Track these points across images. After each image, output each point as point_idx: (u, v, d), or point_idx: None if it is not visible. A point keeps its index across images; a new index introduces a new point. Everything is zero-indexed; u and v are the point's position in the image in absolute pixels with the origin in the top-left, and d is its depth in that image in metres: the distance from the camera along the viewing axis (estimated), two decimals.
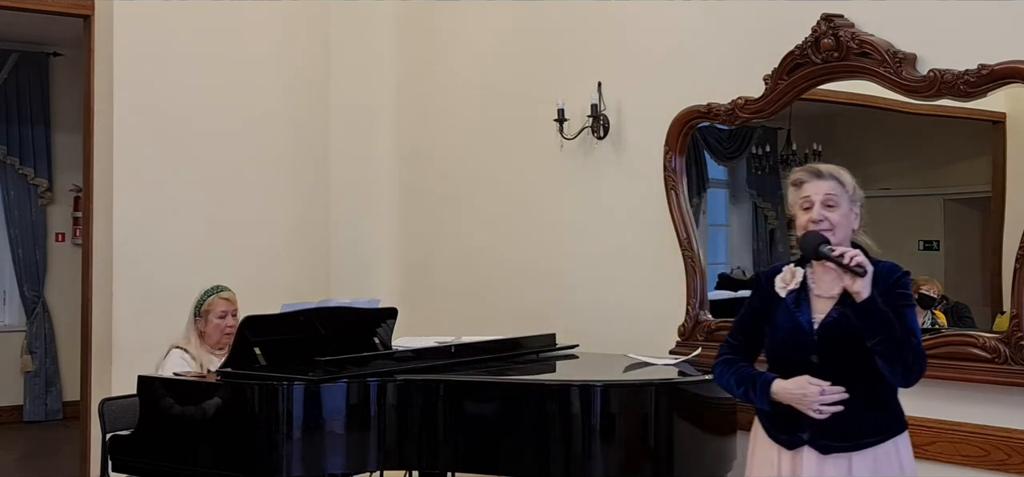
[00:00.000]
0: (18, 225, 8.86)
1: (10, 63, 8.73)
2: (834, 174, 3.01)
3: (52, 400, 9.08)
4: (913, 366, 2.90)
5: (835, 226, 2.96)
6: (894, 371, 2.90)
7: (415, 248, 6.08)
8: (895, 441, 2.99)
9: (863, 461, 2.94)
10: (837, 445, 2.96)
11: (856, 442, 2.95)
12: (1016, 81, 3.53)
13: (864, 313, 2.88)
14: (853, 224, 3.01)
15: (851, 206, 3.01)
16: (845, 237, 2.98)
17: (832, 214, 2.96)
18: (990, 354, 3.58)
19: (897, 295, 2.94)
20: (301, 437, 3.75)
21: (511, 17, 5.50)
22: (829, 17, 3.95)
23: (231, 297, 4.55)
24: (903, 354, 2.88)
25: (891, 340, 2.87)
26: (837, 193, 2.98)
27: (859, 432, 2.95)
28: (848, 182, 3.01)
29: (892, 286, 2.95)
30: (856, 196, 3.03)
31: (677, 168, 4.60)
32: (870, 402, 2.95)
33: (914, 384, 2.95)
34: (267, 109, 6.02)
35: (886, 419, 2.99)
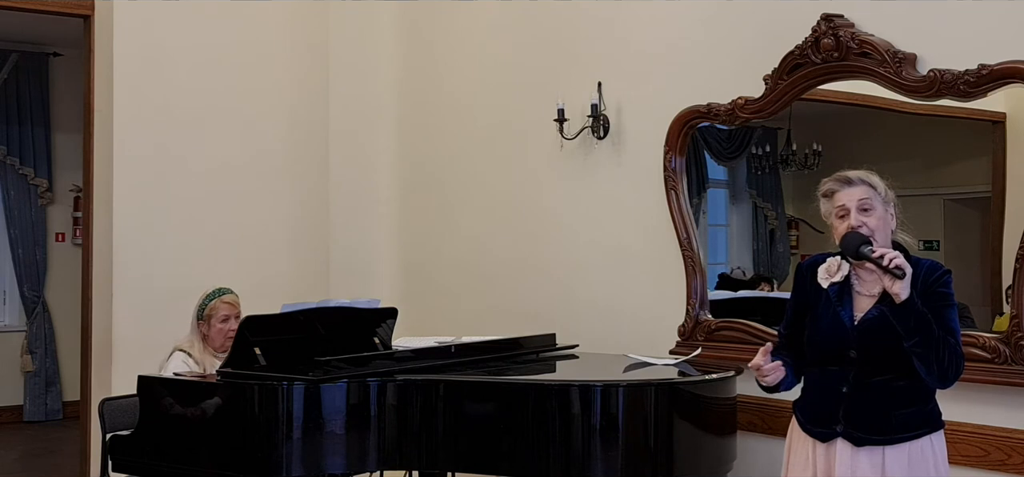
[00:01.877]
0: (18, 225, 8.86)
1: (10, 63, 8.74)
2: (864, 178, 3.04)
3: (52, 400, 9.08)
4: (949, 367, 2.93)
5: (874, 230, 2.99)
6: (930, 372, 2.93)
7: (415, 248, 6.08)
8: (930, 439, 3.00)
9: (897, 455, 2.97)
10: (870, 438, 2.98)
11: (890, 436, 2.97)
12: (1016, 81, 3.53)
13: (902, 314, 2.90)
14: (890, 225, 3.04)
15: (886, 208, 3.04)
16: (885, 239, 3.01)
17: (869, 218, 3.00)
18: (990, 354, 3.58)
19: (937, 294, 2.97)
20: (301, 437, 3.75)
21: (511, 17, 5.50)
22: (829, 17, 3.95)
23: (234, 300, 4.53)
24: (940, 355, 2.91)
25: (928, 341, 2.89)
26: (870, 197, 3.02)
27: (893, 427, 2.97)
28: (879, 185, 3.05)
29: (932, 285, 2.98)
30: (888, 197, 3.06)
31: (677, 168, 4.60)
32: (906, 398, 2.98)
33: (951, 385, 2.98)
34: (267, 109, 6.02)
35: (922, 416, 3.01)
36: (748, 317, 4.38)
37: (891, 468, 2.97)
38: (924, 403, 3.02)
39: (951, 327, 2.96)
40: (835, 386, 3.04)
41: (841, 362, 3.03)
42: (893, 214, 3.06)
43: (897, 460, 2.97)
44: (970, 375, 3.60)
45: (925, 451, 2.99)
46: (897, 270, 2.87)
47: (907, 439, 2.98)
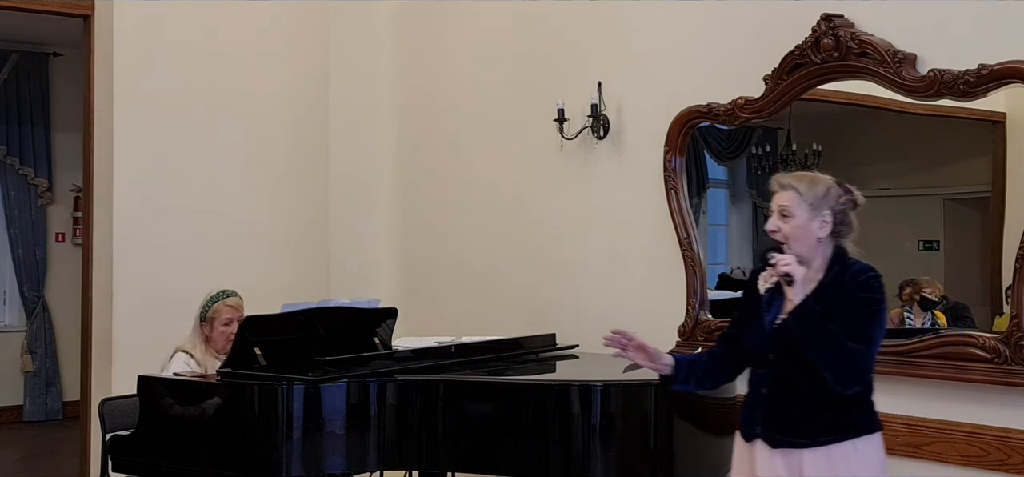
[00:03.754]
0: (18, 225, 8.86)
1: (10, 63, 8.73)
2: (792, 184, 3.06)
3: (52, 400, 9.08)
4: (842, 371, 2.94)
5: (788, 236, 3.02)
6: (825, 373, 2.94)
7: (415, 248, 6.08)
8: (854, 443, 2.99)
9: (815, 459, 2.97)
10: (786, 440, 3.01)
11: (808, 440, 2.98)
12: (1016, 81, 3.53)
13: (797, 316, 2.95)
14: (817, 232, 3.03)
15: (814, 213, 3.03)
16: (807, 246, 3.02)
17: (785, 224, 3.03)
18: (990, 354, 3.58)
19: (855, 298, 2.98)
20: (301, 437, 3.75)
21: (511, 17, 5.50)
22: (829, 17, 3.95)
23: (237, 303, 4.51)
24: (833, 358, 2.92)
25: (821, 344, 2.91)
26: (792, 203, 3.03)
27: (811, 430, 2.98)
28: (808, 191, 3.04)
29: (853, 289, 2.99)
30: (822, 204, 3.04)
31: (677, 168, 4.60)
32: (823, 402, 2.98)
33: (849, 390, 2.96)
34: (267, 109, 6.02)
35: (844, 420, 3.00)
36: None
37: (809, 472, 2.97)
38: (849, 407, 3.00)
39: (859, 332, 2.95)
40: (757, 388, 3.12)
41: (762, 364, 3.09)
42: (826, 220, 3.04)
43: (815, 464, 2.97)
44: (970, 375, 3.61)
45: (848, 456, 2.98)
46: (785, 277, 2.94)
47: (827, 443, 2.98)
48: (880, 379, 3.84)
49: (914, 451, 3.80)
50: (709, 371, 3.29)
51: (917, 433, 3.79)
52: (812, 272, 3.03)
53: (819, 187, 3.05)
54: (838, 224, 3.05)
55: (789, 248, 3.02)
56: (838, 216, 3.04)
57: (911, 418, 3.82)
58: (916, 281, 4.18)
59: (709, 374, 3.30)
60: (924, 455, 3.77)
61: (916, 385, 3.78)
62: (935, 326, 4.08)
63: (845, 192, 3.07)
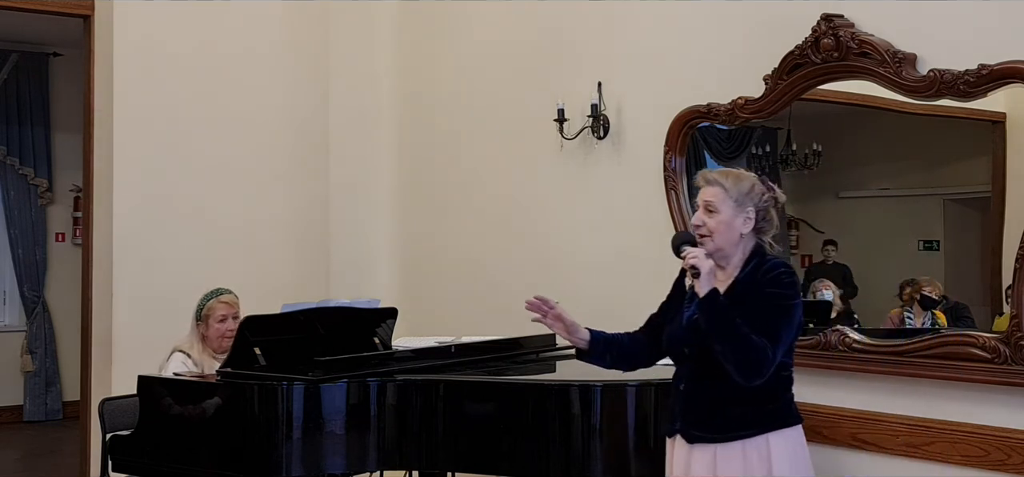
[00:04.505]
0: (18, 225, 8.87)
1: (10, 63, 8.74)
2: (718, 180, 3.11)
3: (52, 400, 9.09)
4: (744, 364, 2.95)
5: (713, 231, 3.08)
6: (729, 366, 2.96)
7: (415, 248, 6.08)
8: (767, 438, 3.01)
9: (728, 454, 3.01)
10: (700, 435, 3.05)
11: (721, 434, 3.02)
12: (1016, 81, 3.52)
13: (701, 308, 2.98)
14: (740, 228, 3.08)
15: (739, 210, 3.08)
16: (729, 241, 3.08)
17: (709, 219, 3.09)
18: (990, 354, 3.58)
19: (763, 294, 3.02)
20: (301, 437, 3.75)
21: (511, 17, 5.50)
22: (829, 17, 3.95)
23: (231, 300, 4.52)
24: (735, 351, 2.94)
25: (724, 337, 2.94)
26: (716, 199, 3.09)
27: (724, 425, 3.02)
28: (733, 188, 3.09)
29: (762, 284, 3.03)
30: (747, 200, 3.09)
31: (677, 168, 4.60)
32: (736, 396, 3.00)
33: (753, 383, 2.98)
34: (267, 109, 6.02)
35: (759, 414, 3.03)
36: None
37: (722, 467, 3.01)
38: (763, 402, 3.02)
39: (763, 326, 2.96)
40: (676, 383, 3.17)
41: (680, 359, 3.15)
42: (750, 216, 3.09)
43: (728, 459, 3.00)
44: (970, 375, 3.61)
45: (761, 451, 3.00)
46: (691, 269, 2.99)
47: (740, 438, 3.01)
48: (880, 379, 3.87)
49: (914, 451, 3.80)
50: (625, 352, 3.33)
51: (917, 433, 3.79)
52: (731, 267, 3.09)
53: (744, 184, 3.10)
54: (761, 221, 3.11)
55: (712, 242, 3.08)
56: (761, 213, 3.10)
57: (911, 418, 3.82)
58: (916, 281, 4.18)
59: (624, 356, 3.34)
60: (924, 455, 3.77)
61: (916, 385, 3.78)
62: (935, 326, 4.08)
63: (768, 190, 3.13)
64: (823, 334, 4.02)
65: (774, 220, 3.14)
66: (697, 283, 2.98)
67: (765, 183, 3.14)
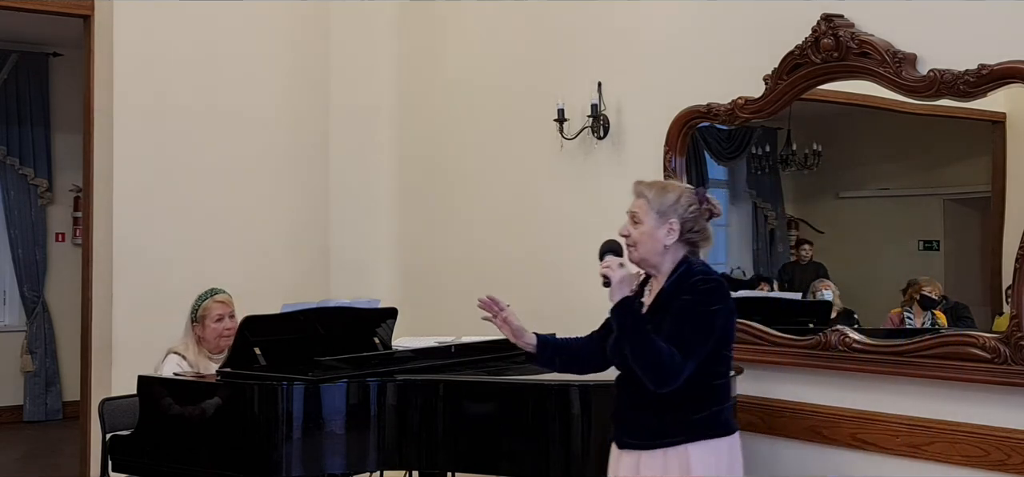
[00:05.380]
0: (18, 225, 8.86)
1: (10, 63, 8.73)
2: (643, 192, 3.17)
3: (52, 400, 9.08)
4: (651, 371, 2.99)
5: (636, 242, 3.15)
6: (639, 372, 3.00)
7: (415, 248, 6.08)
8: (688, 448, 3.03)
9: (651, 461, 3.05)
10: (628, 441, 3.12)
11: (645, 441, 3.07)
12: (1016, 81, 3.52)
13: (613, 317, 3.06)
14: (664, 239, 3.11)
15: (661, 220, 3.12)
16: (653, 251, 3.13)
17: (634, 229, 3.15)
18: (990, 354, 3.58)
19: (679, 300, 3.05)
20: (301, 437, 3.75)
21: (511, 17, 5.50)
22: (829, 17, 3.95)
23: (226, 299, 4.51)
24: (642, 358, 2.98)
25: (634, 343, 2.99)
26: (640, 210, 3.15)
27: (648, 433, 3.07)
28: (656, 199, 3.13)
29: (679, 290, 3.07)
30: (670, 211, 3.12)
31: (677, 168, 4.60)
32: (662, 405, 3.03)
33: (663, 390, 3.00)
34: (267, 109, 6.02)
35: (681, 424, 3.05)
36: (748, 317, 4.37)
37: (645, 473, 3.05)
38: (688, 411, 3.04)
39: (676, 334, 2.99)
40: (615, 390, 3.21)
41: (619, 366, 3.17)
42: (674, 228, 3.11)
43: (651, 466, 3.04)
44: (970, 375, 3.61)
45: (682, 460, 3.03)
46: (602, 278, 3.07)
47: (662, 446, 3.04)
48: (880, 379, 3.87)
49: (914, 451, 3.80)
50: (575, 356, 3.37)
51: (917, 433, 3.79)
52: (660, 277, 3.13)
53: (669, 195, 3.14)
54: (687, 232, 3.13)
55: (636, 252, 3.13)
56: (687, 224, 3.13)
57: (911, 418, 3.82)
58: (916, 281, 4.19)
59: (574, 359, 3.38)
60: (924, 455, 3.77)
61: (916, 385, 3.78)
62: (935, 326, 4.08)
63: (699, 202, 3.15)
64: (823, 334, 4.02)
65: (706, 231, 3.18)
66: (607, 292, 3.05)
67: (698, 195, 3.16)
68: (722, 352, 3.11)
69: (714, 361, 3.07)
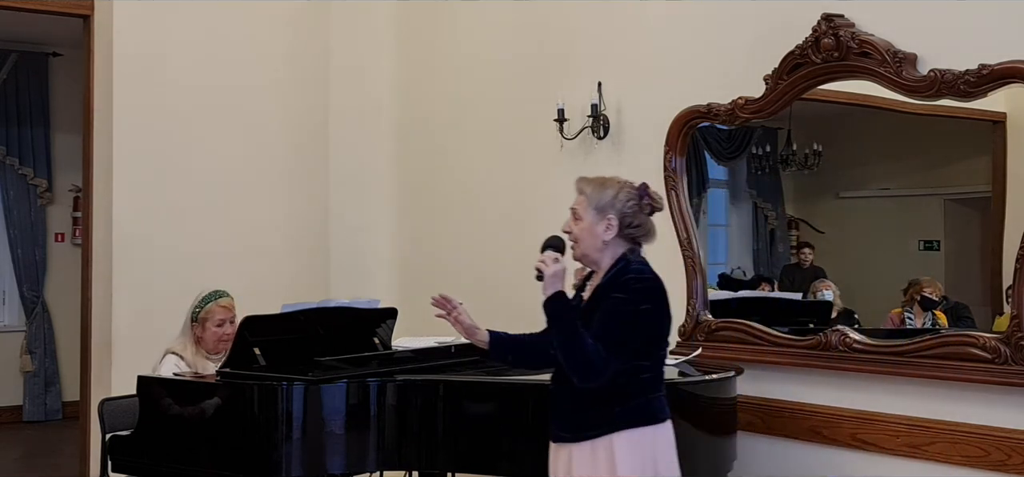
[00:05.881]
0: (18, 225, 8.85)
1: (10, 63, 8.73)
2: (582, 188, 3.19)
3: (52, 400, 9.07)
4: (575, 366, 3.03)
5: (577, 238, 3.17)
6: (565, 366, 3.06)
7: (415, 248, 6.07)
8: (612, 439, 3.05)
9: (581, 454, 3.09)
10: (561, 435, 3.15)
11: (575, 434, 3.10)
12: (1016, 81, 3.52)
13: (546, 310, 3.09)
14: (602, 235, 3.14)
15: (600, 216, 3.14)
16: (593, 247, 3.15)
17: (574, 226, 3.17)
18: (990, 354, 3.58)
19: (608, 297, 3.08)
20: (300, 437, 3.74)
21: (511, 17, 5.50)
22: (829, 17, 3.95)
23: (229, 304, 4.50)
24: (567, 352, 3.03)
25: (561, 337, 3.05)
26: (580, 207, 3.18)
27: (577, 426, 3.10)
28: (594, 195, 3.16)
29: (609, 287, 3.10)
30: (609, 207, 3.14)
31: (677, 168, 4.60)
32: (589, 398, 3.07)
33: (587, 385, 3.04)
34: (267, 109, 6.02)
35: (607, 416, 3.07)
36: (748, 317, 4.38)
37: (577, 467, 3.09)
38: (612, 403, 3.07)
39: (602, 330, 3.02)
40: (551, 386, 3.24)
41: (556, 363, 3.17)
42: (613, 223, 3.13)
43: (581, 459, 3.08)
44: (970, 375, 3.61)
45: (608, 451, 3.05)
46: (536, 273, 3.11)
47: (589, 438, 3.07)
48: (880, 379, 3.87)
49: (914, 451, 3.80)
50: (527, 352, 3.39)
51: (917, 433, 3.79)
52: (601, 272, 3.15)
53: (607, 191, 3.15)
54: (626, 227, 3.15)
55: (578, 247, 3.16)
56: (625, 220, 3.14)
57: (911, 418, 3.82)
58: (916, 281, 4.19)
59: (526, 355, 3.41)
60: (924, 455, 3.77)
61: (916, 385, 3.78)
62: (935, 326, 4.08)
63: (639, 197, 3.17)
64: (823, 334, 4.02)
65: (646, 225, 3.19)
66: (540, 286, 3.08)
67: (640, 190, 3.18)
68: (653, 349, 3.14)
69: (643, 357, 3.10)
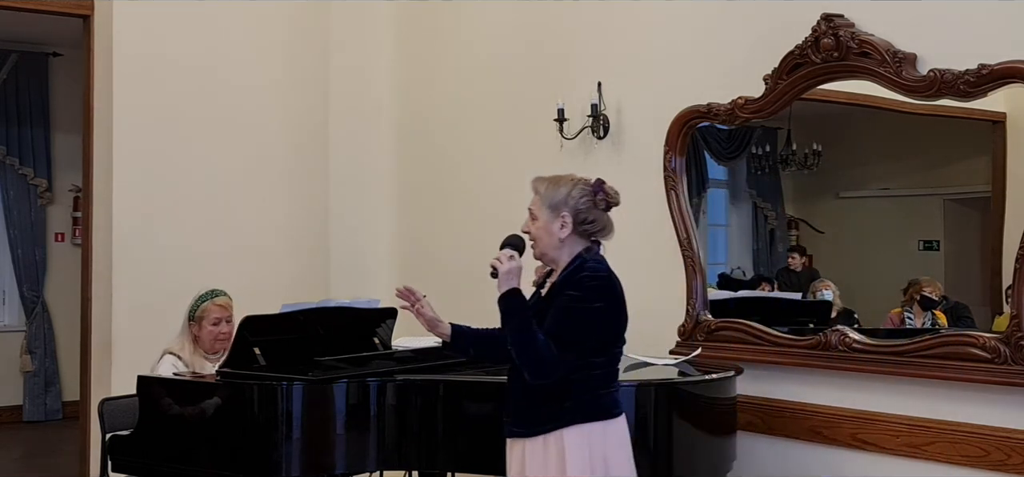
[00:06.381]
0: (18, 225, 8.85)
1: (10, 63, 8.73)
2: (536, 187, 3.23)
3: (52, 400, 9.07)
4: (527, 362, 3.08)
5: (534, 237, 3.22)
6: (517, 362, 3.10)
7: (415, 248, 6.07)
8: (562, 433, 3.08)
9: (534, 448, 3.14)
10: (514, 430, 3.19)
11: (528, 429, 3.14)
12: (1016, 81, 3.52)
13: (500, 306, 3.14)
14: (558, 233, 3.17)
15: (554, 214, 3.17)
16: (550, 246, 3.19)
17: (531, 225, 3.22)
18: (990, 354, 3.58)
19: (561, 294, 3.12)
20: (300, 437, 3.74)
21: (511, 17, 5.50)
22: (829, 17, 3.95)
23: (226, 303, 4.50)
24: (518, 348, 3.08)
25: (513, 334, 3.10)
26: (535, 207, 3.22)
27: (530, 421, 3.14)
28: (547, 194, 3.19)
29: (562, 285, 3.13)
30: (562, 205, 3.17)
31: (677, 168, 4.60)
32: (541, 394, 3.10)
33: (538, 381, 3.09)
34: (267, 109, 6.02)
35: (556, 410, 3.10)
36: (748, 317, 4.38)
37: (529, 462, 3.13)
38: (562, 399, 3.10)
39: (553, 327, 3.06)
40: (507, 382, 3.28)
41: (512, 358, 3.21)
42: (567, 221, 3.15)
43: (533, 454, 3.13)
44: (970, 375, 3.61)
45: (559, 445, 3.09)
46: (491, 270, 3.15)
47: (541, 433, 3.11)
48: (880, 379, 3.88)
49: (914, 451, 3.80)
50: (486, 346, 3.41)
51: (917, 433, 3.80)
52: (559, 270, 3.18)
53: (561, 189, 3.18)
54: (581, 224, 3.17)
55: (536, 247, 3.19)
56: (579, 216, 3.17)
57: (911, 418, 3.82)
58: (916, 281, 4.19)
59: (486, 349, 3.43)
60: (924, 455, 3.77)
61: (916, 385, 3.78)
62: (935, 326, 4.08)
63: (593, 193, 3.19)
64: (823, 334, 4.02)
65: (600, 221, 3.21)
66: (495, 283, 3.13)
67: (595, 186, 3.20)
68: (607, 347, 3.17)
69: (596, 354, 3.13)
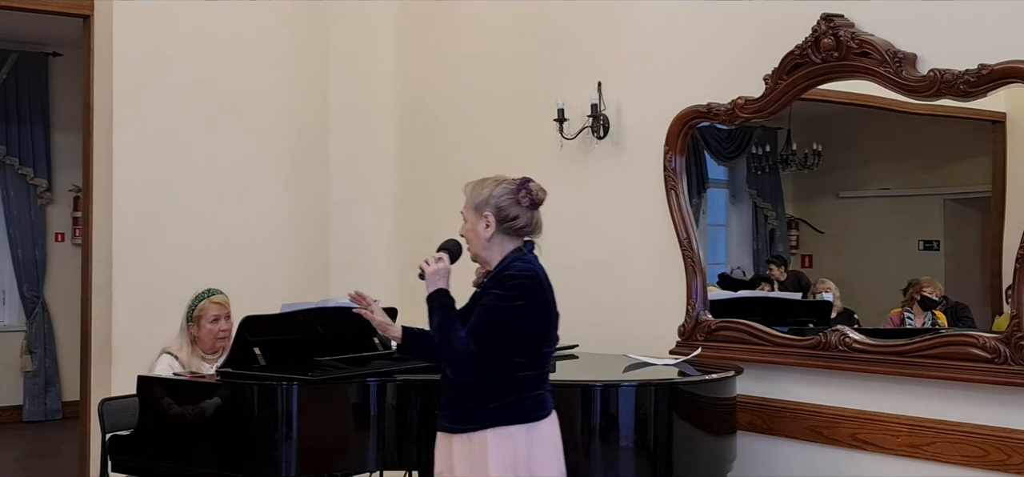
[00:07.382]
0: (18, 225, 8.85)
1: (10, 63, 8.73)
2: (465, 191, 3.29)
3: (52, 400, 9.07)
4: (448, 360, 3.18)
5: (467, 239, 3.30)
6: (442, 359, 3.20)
7: (415, 248, 6.05)
8: (486, 434, 3.14)
9: (460, 446, 3.20)
10: (443, 425, 3.28)
11: (455, 425, 3.19)
12: (1016, 81, 3.53)
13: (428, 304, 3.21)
14: (483, 233, 3.23)
15: (478, 216, 3.23)
16: (479, 246, 3.25)
17: (463, 227, 3.31)
18: (990, 354, 3.58)
19: (488, 293, 3.18)
20: (300, 437, 3.74)
21: (511, 17, 5.50)
22: (829, 17, 3.95)
23: (223, 301, 4.51)
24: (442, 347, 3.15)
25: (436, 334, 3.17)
26: (464, 209, 3.28)
27: (457, 417, 3.21)
28: (471, 196, 3.26)
29: (493, 284, 3.19)
30: (484, 206, 3.23)
31: (677, 168, 4.60)
32: (467, 391, 3.17)
33: (461, 378, 3.18)
34: (267, 109, 6.02)
35: (481, 410, 3.16)
36: (748, 317, 4.38)
37: (456, 458, 3.19)
38: (488, 399, 3.15)
39: (475, 326, 3.12)
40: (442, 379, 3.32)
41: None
42: (490, 222, 3.21)
43: (460, 450, 3.19)
44: (970, 375, 3.61)
45: (480, 446, 3.14)
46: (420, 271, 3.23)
47: (466, 431, 3.17)
48: (880, 379, 3.88)
49: (914, 451, 3.80)
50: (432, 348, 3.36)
51: (917, 433, 3.80)
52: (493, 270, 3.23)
53: (484, 190, 3.24)
54: (503, 221, 3.22)
55: (470, 249, 3.26)
56: (501, 213, 3.21)
57: (911, 418, 3.82)
58: (916, 281, 4.19)
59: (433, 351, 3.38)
60: (924, 455, 3.77)
61: (916, 385, 3.78)
62: (935, 326, 4.08)
63: (516, 190, 3.23)
64: (823, 334, 4.02)
65: (523, 217, 3.24)
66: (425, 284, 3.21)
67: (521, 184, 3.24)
68: (533, 346, 3.19)
69: (520, 353, 3.16)
